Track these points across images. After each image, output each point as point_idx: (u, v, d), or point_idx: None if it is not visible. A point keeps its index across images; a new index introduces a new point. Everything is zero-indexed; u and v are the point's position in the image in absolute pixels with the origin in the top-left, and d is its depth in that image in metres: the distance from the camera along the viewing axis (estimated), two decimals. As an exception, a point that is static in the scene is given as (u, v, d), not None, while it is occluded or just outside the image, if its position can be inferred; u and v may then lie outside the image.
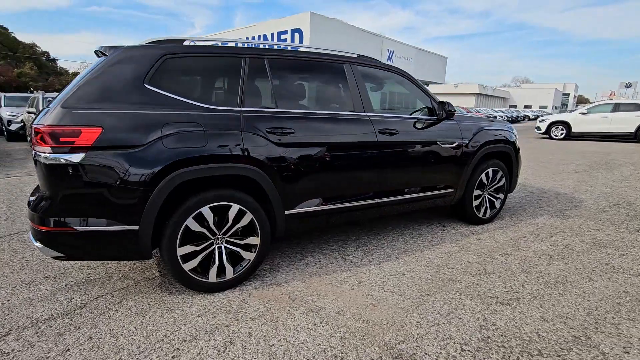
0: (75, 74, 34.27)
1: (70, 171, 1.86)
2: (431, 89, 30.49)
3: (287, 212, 2.48)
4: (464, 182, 3.43)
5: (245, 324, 2.01)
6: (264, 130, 2.32)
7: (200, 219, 2.16)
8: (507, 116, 26.13)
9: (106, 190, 1.92)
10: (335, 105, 2.79)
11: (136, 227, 2.00)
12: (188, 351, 1.78)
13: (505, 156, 3.79)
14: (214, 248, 2.27)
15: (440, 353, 1.79)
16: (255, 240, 2.39)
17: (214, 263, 2.26)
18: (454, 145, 3.28)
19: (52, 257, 2.01)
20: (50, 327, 1.96)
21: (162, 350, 1.79)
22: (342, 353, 1.78)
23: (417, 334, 1.93)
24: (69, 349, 1.78)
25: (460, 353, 1.78)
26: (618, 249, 3.10)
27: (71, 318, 2.04)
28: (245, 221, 2.32)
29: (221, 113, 2.22)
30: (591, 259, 2.90)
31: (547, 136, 14.43)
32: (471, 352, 1.79)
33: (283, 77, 2.58)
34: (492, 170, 3.61)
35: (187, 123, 2.10)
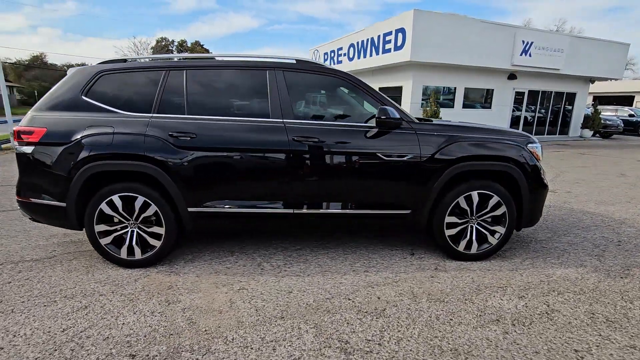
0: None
1: (26, 159, 2.64)
2: (602, 86, 23.21)
3: (190, 209, 2.71)
4: (427, 204, 2.82)
5: (113, 296, 2.39)
6: (167, 134, 2.62)
7: (112, 205, 2.65)
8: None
9: (46, 174, 2.63)
10: (249, 112, 2.80)
11: (64, 204, 2.64)
12: (58, 304, 2.29)
13: (508, 178, 2.87)
14: (128, 231, 2.74)
15: (203, 373, 1.71)
16: (160, 230, 2.73)
17: (125, 243, 2.72)
18: (406, 159, 2.74)
19: (27, 218, 2.88)
20: (23, 266, 2.82)
21: (49, 297, 2.35)
22: (135, 343, 1.93)
23: (220, 349, 1.88)
24: (10, 282, 2.57)
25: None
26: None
27: (41, 263, 2.87)
28: (150, 212, 2.69)
29: (132, 119, 2.65)
30: None
31: None
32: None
33: (199, 87, 2.79)
34: (479, 194, 2.82)
35: (103, 126, 2.61)
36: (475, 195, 2.82)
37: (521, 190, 2.86)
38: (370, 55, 13.38)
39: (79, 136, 2.59)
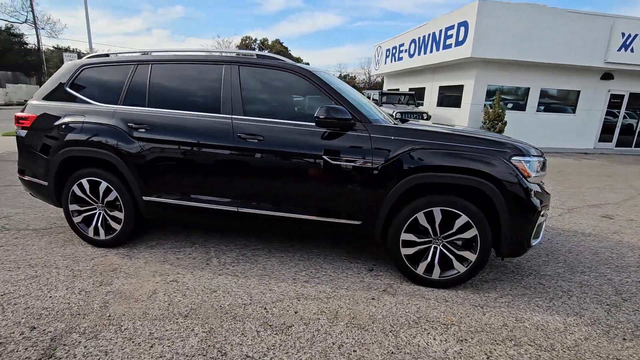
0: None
1: (21, 142, 3.02)
2: None
3: (145, 198, 2.83)
4: (380, 217, 2.50)
5: (64, 271, 2.61)
6: (126, 125, 2.76)
7: (82, 188, 2.90)
8: None
9: (35, 156, 2.98)
10: (203, 107, 2.75)
11: (46, 183, 2.97)
12: (19, 270, 2.58)
13: (481, 195, 2.39)
14: (95, 212, 2.97)
15: (90, 352, 1.76)
16: (120, 215, 2.90)
17: (92, 223, 2.96)
18: (356, 164, 2.46)
19: (29, 193, 3.30)
20: (23, 234, 3.27)
21: (17, 264, 2.68)
22: (45, 317, 2.07)
23: (106, 337, 1.92)
24: (2, 246, 2.99)
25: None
26: None
27: (36, 233, 3.30)
28: (111, 197, 2.87)
29: (102, 109, 2.84)
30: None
31: None
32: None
33: (161, 81, 2.85)
34: (443, 211, 2.40)
35: (77, 115, 2.86)
36: (437, 212, 2.41)
37: (498, 211, 2.36)
38: (431, 51, 12.50)
39: (57, 124, 2.88)
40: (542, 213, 2.46)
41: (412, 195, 2.47)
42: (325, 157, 2.49)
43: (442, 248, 2.50)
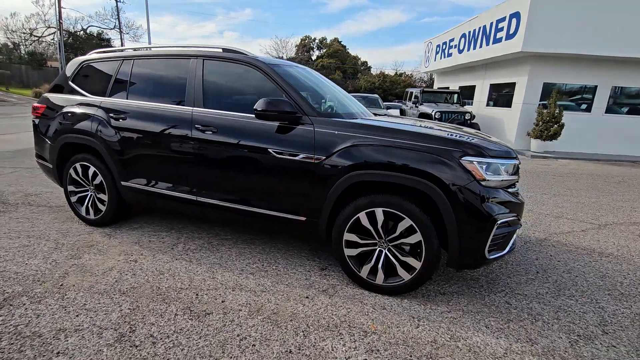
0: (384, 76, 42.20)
1: (35, 129, 3.48)
2: None
3: (123, 183, 3.08)
4: (323, 214, 2.42)
5: (52, 243, 2.96)
6: (108, 115, 3.02)
7: (76, 171, 3.26)
8: None
9: (44, 141, 3.41)
10: (172, 99, 2.87)
11: (51, 166, 3.39)
12: (18, 240, 2.99)
13: (424, 197, 2.18)
14: (87, 194, 3.32)
15: (26, 314, 2.00)
16: (105, 197, 3.20)
17: (84, 203, 3.31)
18: (299, 158, 2.40)
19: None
20: (40, 209, 3.77)
21: (20, 234, 3.11)
22: (12, 279, 2.38)
23: (48, 303, 2.16)
24: (18, 218, 3.48)
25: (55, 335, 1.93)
26: None
27: (50, 209, 3.78)
28: (98, 181, 3.18)
29: (92, 100, 3.15)
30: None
31: None
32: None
33: (140, 74, 3.05)
34: (385, 212, 2.24)
35: (73, 106, 3.21)
36: (379, 213, 2.26)
37: (443, 217, 2.14)
38: (480, 46, 11.60)
39: (59, 113, 3.26)
40: (504, 222, 2.18)
41: (356, 194, 2.35)
42: (270, 150, 2.48)
43: (387, 252, 2.34)
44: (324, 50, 60.71)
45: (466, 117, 10.77)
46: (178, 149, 2.78)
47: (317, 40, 63.11)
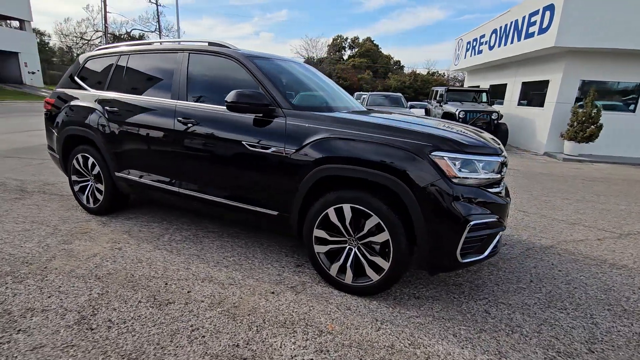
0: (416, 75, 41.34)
1: (46, 121, 3.71)
2: None
3: (117, 173, 3.20)
4: (294, 209, 2.37)
5: (50, 229, 3.14)
6: (103, 109, 3.16)
7: (77, 162, 3.44)
8: None
9: (51, 133, 3.63)
10: (162, 93, 2.92)
11: (58, 156, 3.60)
12: (22, 225, 3.21)
13: (393, 194, 2.06)
14: (88, 184, 3.49)
15: (4, 292, 2.14)
16: (102, 187, 3.35)
17: (85, 193, 3.49)
18: (270, 151, 2.36)
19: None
20: (49, 197, 4.02)
21: (25, 219, 3.33)
22: (6, 260, 2.55)
23: (28, 283, 2.29)
24: (27, 204, 3.73)
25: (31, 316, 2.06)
26: None
27: (59, 197, 4.02)
28: (96, 171, 3.34)
29: (92, 94, 3.30)
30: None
31: None
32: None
33: (134, 69, 3.15)
34: (353, 208, 2.15)
35: (76, 100, 3.38)
36: (347, 209, 2.18)
37: (411, 215, 2.02)
38: (511, 42, 10.97)
39: (64, 106, 3.46)
40: (480, 224, 2.02)
41: (328, 189, 2.28)
42: (244, 142, 2.46)
43: (357, 251, 2.25)
44: (356, 50, 60.31)
45: (492, 117, 10.23)
46: (163, 141, 2.84)
47: (349, 40, 62.81)
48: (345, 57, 58.26)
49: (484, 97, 11.91)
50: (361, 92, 17.43)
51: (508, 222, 3.95)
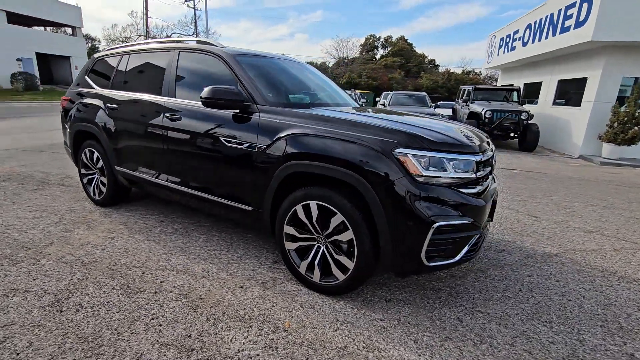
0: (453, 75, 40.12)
1: (61, 118, 3.98)
2: None
3: (117, 167, 3.37)
4: (266, 205, 2.37)
5: (57, 217, 3.37)
6: (105, 106, 3.34)
7: (85, 156, 3.66)
8: None
9: (65, 129, 3.90)
10: (154, 89, 3.02)
11: (71, 151, 3.86)
12: (32, 213, 3.47)
13: (354, 191, 2.00)
14: (94, 177, 3.71)
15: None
16: (105, 180, 3.55)
17: (92, 185, 3.71)
18: (244, 147, 2.38)
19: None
20: (60, 188, 4.32)
21: (36, 207, 3.60)
22: (8, 243, 2.77)
23: (21, 266, 2.47)
24: (38, 193, 4.03)
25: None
26: None
27: (67, 187, 4.31)
28: (100, 165, 3.54)
29: (98, 92, 3.50)
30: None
31: None
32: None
33: (133, 68, 3.29)
34: (319, 206, 2.12)
35: (84, 97, 3.60)
36: (314, 206, 2.14)
37: (373, 214, 1.94)
38: (546, 37, 10.30)
39: (74, 104, 3.70)
40: (448, 226, 1.90)
41: (298, 186, 2.26)
42: (221, 138, 2.50)
43: (325, 249, 2.21)
44: (389, 49, 59.37)
45: (522, 117, 9.64)
46: (154, 136, 2.96)
47: (381, 39, 61.93)
48: (377, 57, 57.65)
49: (515, 96, 11.26)
50: (388, 92, 17.21)
51: (514, 227, 3.72)
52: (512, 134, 9.92)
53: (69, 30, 30.85)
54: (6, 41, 23.83)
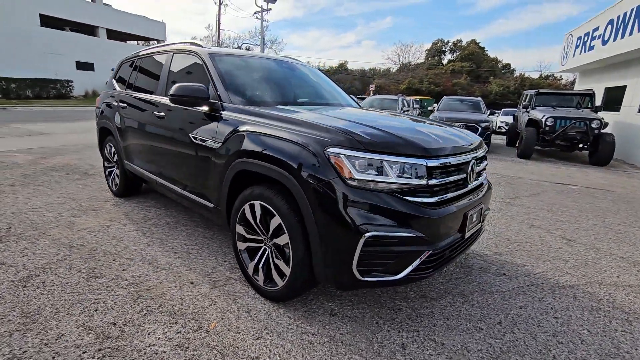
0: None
1: (95, 115, 4.46)
2: None
3: (125, 162, 3.65)
4: (221, 202, 2.34)
5: (75, 203, 3.76)
6: (117, 103, 3.64)
7: (106, 150, 4.05)
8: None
9: (95, 125, 4.35)
10: (153, 89, 3.20)
11: (98, 145, 4.30)
12: (43, 197, 3.92)
13: (287, 191, 1.86)
14: (112, 170, 4.07)
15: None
16: (119, 172, 3.87)
17: (111, 176, 4.08)
18: (206, 144, 2.38)
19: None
20: (71, 176, 4.81)
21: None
22: (11, 224, 3.15)
23: (20, 243, 2.79)
24: (47, 183, 4.54)
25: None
26: None
27: (75, 177, 4.78)
28: (115, 158, 3.87)
29: (115, 93, 3.84)
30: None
31: None
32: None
33: (144, 70, 3.53)
34: (262, 206, 2.02)
35: (109, 98, 3.98)
36: (257, 206, 2.05)
37: (303, 217, 1.79)
38: (630, 33, 8.81)
39: (103, 101, 4.11)
40: (386, 237, 1.68)
41: (247, 184, 2.19)
42: (190, 135, 2.55)
43: (270, 252, 2.10)
44: (457, 54, 56.26)
45: (593, 125, 8.30)
46: (147, 134, 3.15)
47: (450, 43, 58.99)
48: (444, 62, 54.98)
49: (588, 101, 9.79)
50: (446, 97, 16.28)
51: (533, 248, 3.17)
52: (580, 145, 8.62)
53: (154, 43, 34.96)
54: (105, 53, 27.81)
